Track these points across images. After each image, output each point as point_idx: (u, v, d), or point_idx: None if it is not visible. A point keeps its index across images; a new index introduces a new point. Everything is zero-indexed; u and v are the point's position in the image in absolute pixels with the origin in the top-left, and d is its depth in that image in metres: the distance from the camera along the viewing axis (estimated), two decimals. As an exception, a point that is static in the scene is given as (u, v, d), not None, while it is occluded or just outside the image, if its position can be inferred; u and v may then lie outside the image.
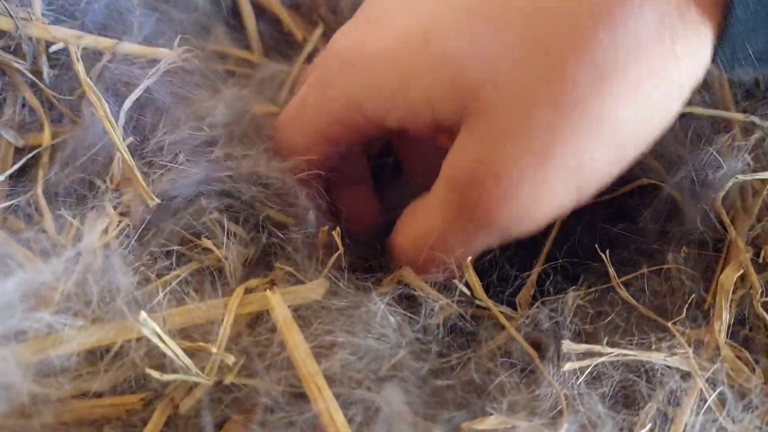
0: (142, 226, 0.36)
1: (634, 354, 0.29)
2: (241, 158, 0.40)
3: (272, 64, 0.51)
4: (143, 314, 0.29)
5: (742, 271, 0.31)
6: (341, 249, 0.35)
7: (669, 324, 0.30)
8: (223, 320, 0.33)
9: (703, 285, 0.33)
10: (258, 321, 0.34)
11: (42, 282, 0.30)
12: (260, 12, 0.53)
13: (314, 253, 0.37)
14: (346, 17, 0.52)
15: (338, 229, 0.36)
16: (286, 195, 0.39)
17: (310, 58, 0.52)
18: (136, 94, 0.40)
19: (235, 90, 0.44)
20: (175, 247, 0.35)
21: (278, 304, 0.33)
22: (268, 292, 0.33)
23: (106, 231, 0.35)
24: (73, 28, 0.43)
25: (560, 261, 0.36)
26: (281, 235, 0.38)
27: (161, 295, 0.32)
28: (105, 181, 0.38)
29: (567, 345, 0.29)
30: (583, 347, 0.29)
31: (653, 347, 0.30)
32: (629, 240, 0.37)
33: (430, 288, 0.33)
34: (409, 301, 0.34)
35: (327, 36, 0.53)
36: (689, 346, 0.30)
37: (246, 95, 0.45)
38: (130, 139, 0.39)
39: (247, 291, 0.34)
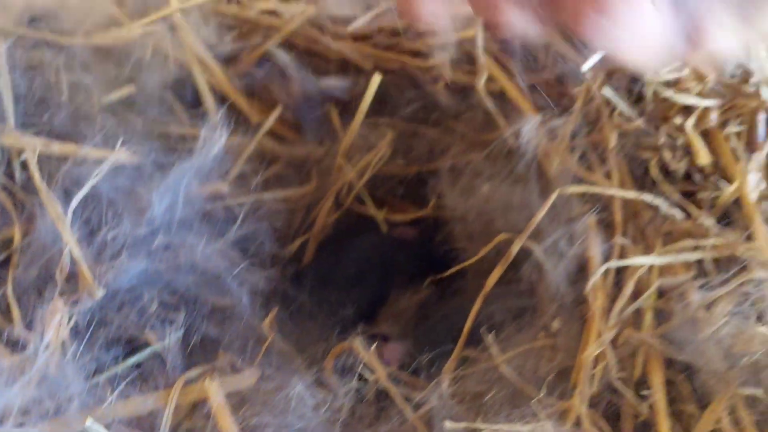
0: (91, 321, 0.41)
1: (506, 429, 0.35)
2: (179, 248, 0.44)
3: (231, 137, 0.55)
4: (90, 420, 0.35)
5: (602, 348, 0.37)
6: (271, 337, 0.41)
7: (533, 401, 0.36)
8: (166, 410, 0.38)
9: (572, 357, 0.39)
10: (198, 405, 0.39)
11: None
12: (221, 100, 0.58)
13: (250, 339, 0.42)
14: (297, 98, 0.58)
15: (269, 318, 0.41)
16: (221, 283, 0.44)
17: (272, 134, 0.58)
18: (81, 194, 0.45)
19: (180, 172, 0.49)
20: (120, 351, 0.40)
21: (214, 393, 0.38)
22: (206, 382, 0.38)
23: (58, 329, 0.40)
24: (41, 134, 0.48)
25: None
26: (221, 322, 0.43)
27: (110, 398, 0.37)
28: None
29: (448, 425, 0.35)
30: (462, 425, 0.35)
31: (527, 420, 0.36)
32: (504, 311, 0.43)
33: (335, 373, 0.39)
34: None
35: (282, 117, 0.59)
36: (558, 417, 0.35)
37: (190, 176, 0.49)
38: (75, 235, 0.44)
39: (189, 380, 0.40)
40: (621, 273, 0.43)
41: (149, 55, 0.58)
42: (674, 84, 0.46)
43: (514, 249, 0.42)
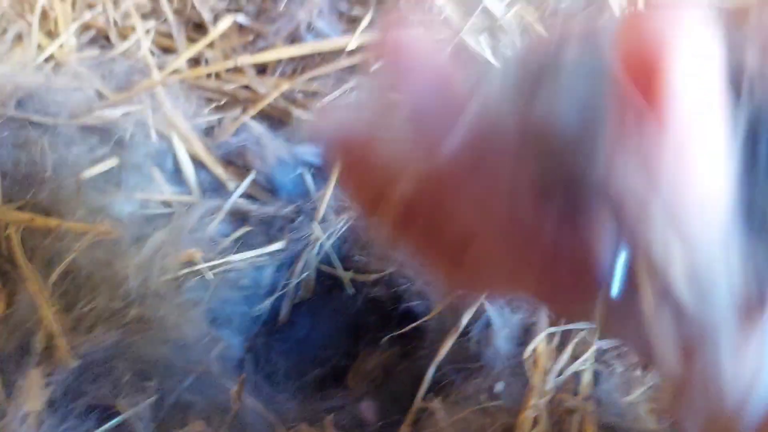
0: (67, 391, 0.44)
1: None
2: (152, 319, 0.47)
3: (207, 202, 0.59)
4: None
5: (536, 414, 0.39)
6: (237, 406, 0.43)
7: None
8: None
9: (514, 417, 0.41)
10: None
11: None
12: (199, 168, 0.62)
13: (221, 404, 0.44)
14: (271, 163, 0.62)
15: (237, 387, 0.44)
16: (193, 350, 0.46)
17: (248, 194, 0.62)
18: (60, 269, 0.48)
19: (156, 245, 0.52)
20: (94, 421, 0.43)
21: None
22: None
23: (36, 399, 0.43)
24: (25, 209, 0.52)
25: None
26: (192, 389, 0.45)
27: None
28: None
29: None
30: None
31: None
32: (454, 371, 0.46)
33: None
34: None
35: (256, 181, 0.62)
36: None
37: (167, 247, 0.52)
38: (54, 307, 0.47)
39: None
40: (564, 334, 0.46)
41: (132, 129, 0.62)
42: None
43: (465, 318, 0.45)
